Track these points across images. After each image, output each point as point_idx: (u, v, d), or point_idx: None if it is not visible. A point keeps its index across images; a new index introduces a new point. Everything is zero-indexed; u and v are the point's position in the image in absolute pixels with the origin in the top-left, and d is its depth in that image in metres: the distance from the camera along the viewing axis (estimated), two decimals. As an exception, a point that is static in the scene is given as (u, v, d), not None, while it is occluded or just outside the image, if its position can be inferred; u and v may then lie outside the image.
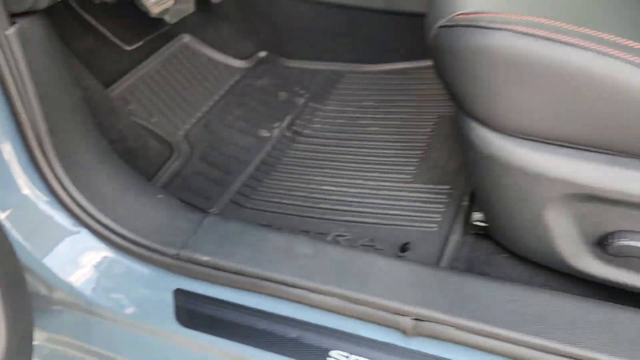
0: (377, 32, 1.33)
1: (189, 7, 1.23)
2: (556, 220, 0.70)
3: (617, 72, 0.59)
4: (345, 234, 0.90)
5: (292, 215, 0.97)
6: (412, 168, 1.01)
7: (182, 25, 1.35)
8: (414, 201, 0.94)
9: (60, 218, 0.78)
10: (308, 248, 0.74)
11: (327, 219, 0.94)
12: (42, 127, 0.74)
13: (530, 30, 0.62)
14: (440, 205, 0.92)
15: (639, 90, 0.58)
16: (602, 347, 0.59)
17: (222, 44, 1.42)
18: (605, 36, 0.61)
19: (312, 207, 0.97)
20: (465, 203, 0.90)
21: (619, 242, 0.67)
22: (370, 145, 1.10)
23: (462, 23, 0.67)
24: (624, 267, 0.71)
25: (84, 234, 0.78)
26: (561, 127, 0.64)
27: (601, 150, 0.64)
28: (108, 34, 1.27)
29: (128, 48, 1.29)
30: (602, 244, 0.69)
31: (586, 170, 0.65)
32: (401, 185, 0.98)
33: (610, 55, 0.59)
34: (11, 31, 0.69)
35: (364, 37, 1.35)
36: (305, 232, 0.92)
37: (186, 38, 1.39)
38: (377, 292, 0.66)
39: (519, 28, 0.62)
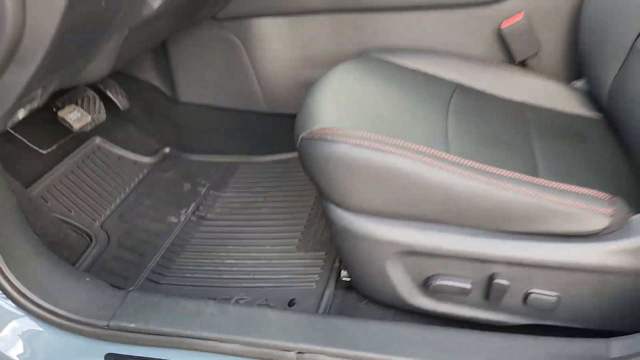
0: (264, 129, 1.62)
1: (102, 116, 1.45)
2: (394, 271, 0.97)
3: (417, 169, 0.89)
4: (245, 297, 1.13)
5: (201, 286, 1.17)
6: (296, 240, 1.27)
7: (93, 129, 1.56)
8: (298, 266, 1.19)
9: (6, 305, 0.94)
10: (214, 309, 0.95)
11: (230, 287, 1.16)
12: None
13: (359, 142, 0.91)
14: (318, 268, 1.18)
15: (430, 180, 0.89)
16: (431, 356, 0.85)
17: (130, 143, 1.63)
18: (409, 145, 0.92)
19: (217, 278, 1.19)
20: (337, 264, 1.17)
21: (436, 283, 0.95)
22: (263, 223, 1.35)
23: (317, 136, 0.95)
24: (444, 301, 0.99)
25: (26, 317, 0.95)
26: (389, 207, 0.93)
27: (416, 219, 0.94)
28: (25, 140, 1.45)
29: (44, 152, 1.47)
30: (426, 285, 0.97)
31: (407, 234, 0.94)
32: (288, 254, 1.23)
33: (413, 158, 0.90)
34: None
35: (253, 134, 1.63)
36: (212, 299, 1.13)
37: (97, 139, 1.59)
38: (269, 336, 0.89)
39: (352, 141, 0.91)
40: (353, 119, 0.99)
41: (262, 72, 1.52)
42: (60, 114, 1.21)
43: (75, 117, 1.24)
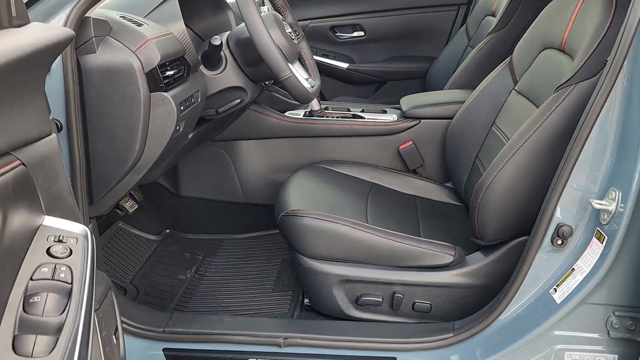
0: (242, 215, 2.28)
1: (134, 205, 2.08)
2: (337, 293, 1.64)
3: (351, 232, 1.59)
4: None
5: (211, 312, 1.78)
6: (271, 285, 1.91)
7: (117, 216, 2.17)
8: (275, 301, 1.82)
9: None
10: (230, 318, 1.57)
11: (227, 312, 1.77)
12: None
13: (316, 216, 1.60)
14: (288, 300, 1.82)
15: (358, 239, 1.58)
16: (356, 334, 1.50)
17: (142, 226, 2.24)
18: (346, 218, 1.62)
19: (218, 311, 1.80)
20: (300, 297, 1.82)
21: (362, 299, 1.62)
22: (247, 277, 1.98)
23: (291, 214, 1.64)
24: (367, 311, 1.66)
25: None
26: (335, 254, 1.61)
27: (351, 261, 1.62)
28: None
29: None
30: (357, 301, 1.64)
31: (345, 270, 1.61)
32: (266, 294, 1.86)
33: (348, 226, 1.60)
34: None
35: (235, 218, 2.29)
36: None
37: (120, 223, 2.19)
38: (266, 331, 1.51)
39: (312, 216, 1.61)
40: (312, 204, 1.70)
41: (242, 175, 2.22)
42: (121, 202, 1.83)
43: (129, 204, 1.86)
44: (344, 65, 3.18)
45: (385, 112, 2.30)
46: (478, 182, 1.58)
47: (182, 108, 1.45)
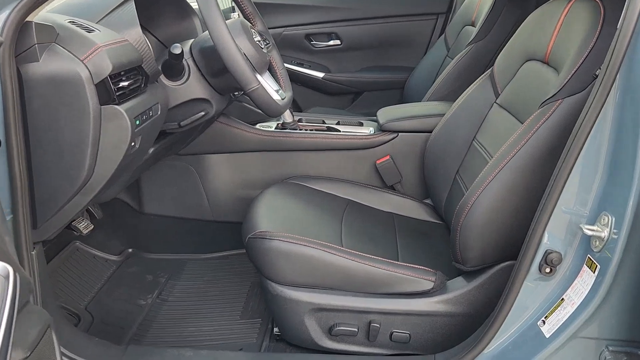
0: (209, 233, 2.15)
1: (90, 225, 1.93)
2: (309, 323, 1.51)
3: (323, 256, 1.47)
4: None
5: (172, 347, 1.63)
6: (239, 312, 1.78)
7: (73, 235, 2.01)
8: (242, 329, 1.69)
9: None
10: (192, 352, 1.43)
11: (194, 347, 1.63)
12: None
13: (286, 239, 1.48)
14: (257, 329, 1.69)
15: (331, 263, 1.46)
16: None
17: (101, 245, 2.09)
18: (317, 241, 1.50)
19: (182, 341, 1.66)
20: (270, 325, 1.69)
21: (336, 329, 1.50)
22: (213, 302, 1.84)
23: (258, 236, 1.52)
24: (341, 342, 1.53)
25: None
26: (305, 280, 1.49)
27: (323, 288, 1.50)
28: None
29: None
30: (330, 331, 1.51)
31: (317, 298, 1.49)
32: (234, 322, 1.73)
33: (320, 249, 1.47)
34: None
35: (202, 236, 2.15)
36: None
37: (77, 243, 2.04)
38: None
39: (282, 239, 1.48)
40: (282, 225, 1.57)
41: (210, 190, 2.08)
42: (74, 223, 1.68)
43: (83, 225, 1.71)
44: (320, 74, 3.07)
45: (361, 124, 2.19)
46: (460, 202, 1.47)
47: (137, 122, 1.32)
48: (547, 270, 1.22)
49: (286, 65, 2.98)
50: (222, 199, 2.10)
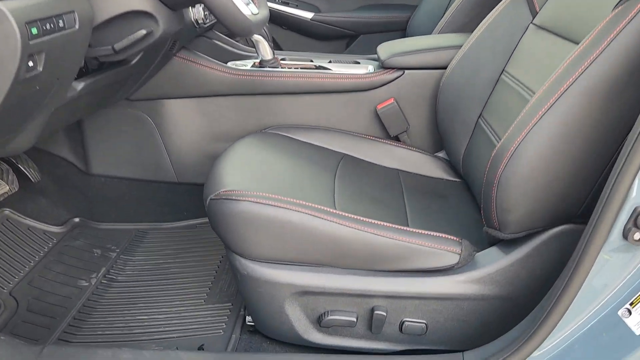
0: (173, 198, 1.75)
1: (15, 188, 1.52)
2: (291, 310, 1.13)
3: (308, 222, 1.08)
4: (156, 348, 1.22)
5: (113, 341, 1.25)
6: (204, 294, 1.40)
7: (2, 201, 1.61)
8: (206, 317, 1.31)
9: None
10: (130, 355, 1.05)
11: (142, 340, 1.25)
12: None
13: (259, 200, 1.09)
14: (225, 317, 1.30)
15: (319, 231, 1.07)
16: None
17: (40, 214, 1.69)
18: (301, 202, 1.11)
19: (129, 333, 1.27)
20: (242, 312, 1.30)
21: (327, 318, 1.12)
22: (172, 282, 1.46)
23: (223, 197, 1.12)
24: (334, 335, 1.16)
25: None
26: (285, 254, 1.10)
27: (309, 264, 1.11)
28: None
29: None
30: (319, 321, 1.13)
31: (301, 277, 1.10)
32: (197, 307, 1.35)
33: (304, 213, 1.08)
34: None
35: (163, 202, 1.75)
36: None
37: (6, 211, 1.64)
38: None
39: (253, 199, 1.09)
40: (254, 182, 1.18)
41: (172, 146, 1.68)
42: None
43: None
44: (308, 15, 2.63)
45: (358, 63, 1.78)
46: (495, 151, 1.08)
47: (35, 31, 0.91)
48: (637, 236, 0.83)
49: (269, 4, 2.55)
50: (186, 155, 1.70)
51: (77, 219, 1.75)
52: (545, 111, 0.99)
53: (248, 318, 1.24)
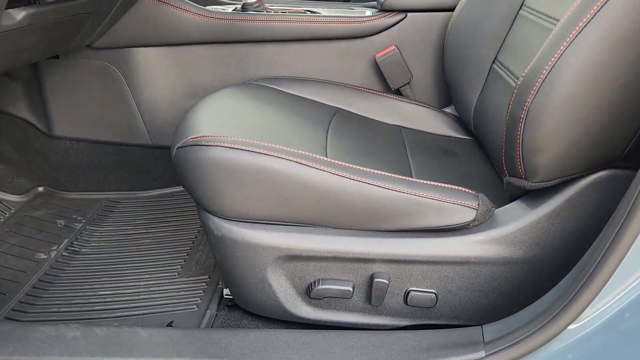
0: (148, 163, 1.56)
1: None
2: (275, 279, 0.95)
3: (292, 170, 0.89)
4: (117, 326, 1.03)
5: (69, 320, 1.07)
6: (178, 267, 1.21)
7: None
8: (179, 291, 1.12)
9: None
10: (78, 332, 0.86)
11: (103, 318, 1.07)
12: None
13: (234, 145, 0.90)
14: (201, 291, 1.12)
15: (306, 181, 0.89)
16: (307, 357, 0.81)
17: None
18: (285, 148, 0.92)
19: (88, 310, 1.09)
20: (220, 285, 1.12)
21: (318, 288, 0.94)
22: (143, 254, 1.27)
23: (190, 144, 0.93)
24: (327, 308, 0.97)
25: None
26: (266, 211, 0.92)
27: (295, 223, 0.93)
28: None
29: None
30: (308, 292, 0.95)
31: (287, 238, 0.92)
32: (169, 280, 1.16)
33: (288, 160, 0.90)
34: None
35: (136, 168, 1.56)
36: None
37: (-41, 178, 1.45)
38: (136, 354, 0.82)
39: (226, 144, 0.90)
40: (231, 131, 0.98)
41: (144, 103, 1.49)
42: None
43: None
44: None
45: (352, 10, 1.58)
46: (521, 78, 0.89)
47: None
48: None
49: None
50: (160, 114, 1.50)
51: (40, 188, 1.56)
52: (584, 25, 0.80)
53: (226, 291, 1.05)
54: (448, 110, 1.45)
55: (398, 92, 1.48)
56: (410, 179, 0.93)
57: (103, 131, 1.53)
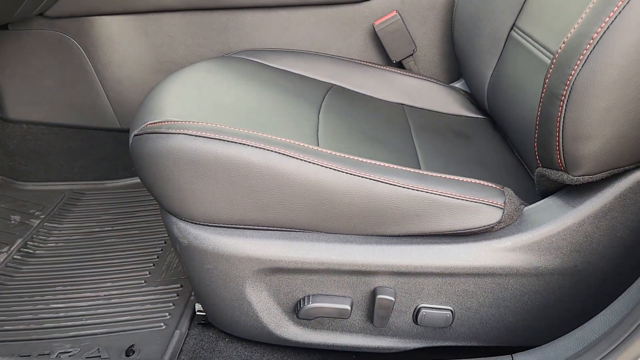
0: (116, 149, 1.37)
1: None
2: (255, 296, 0.77)
3: (274, 163, 0.71)
4: (70, 349, 0.86)
5: (12, 341, 0.89)
6: (146, 273, 1.03)
7: None
8: (145, 304, 0.95)
9: None
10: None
11: (53, 337, 0.90)
12: None
13: (201, 133, 0.72)
14: (170, 304, 0.94)
15: (292, 176, 0.71)
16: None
17: (-56, 172, 1.32)
18: (264, 136, 0.74)
19: (36, 328, 0.92)
20: (193, 298, 0.95)
21: (309, 306, 0.77)
22: (106, 256, 1.09)
23: (149, 131, 0.75)
24: (320, 329, 0.80)
25: None
26: (242, 213, 0.74)
27: (278, 228, 0.75)
28: None
29: None
30: (297, 310, 0.78)
31: (268, 247, 0.75)
32: (133, 290, 0.99)
33: (268, 150, 0.72)
34: None
35: (103, 155, 1.38)
36: (26, 357, 0.86)
37: None
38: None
39: (192, 132, 0.72)
40: (200, 114, 0.80)
41: (110, 81, 1.29)
42: None
43: None
44: None
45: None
46: (556, 53, 0.70)
47: None
48: None
49: None
50: (129, 93, 1.31)
51: (-4, 178, 1.37)
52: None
53: (198, 306, 0.88)
54: (457, 85, 1.27)
55: (400, 65, 1.29)
56: (421, 171, 0.75)
57: (64, 113, 1.34)
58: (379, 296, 0.75)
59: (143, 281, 1.01)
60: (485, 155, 1.00)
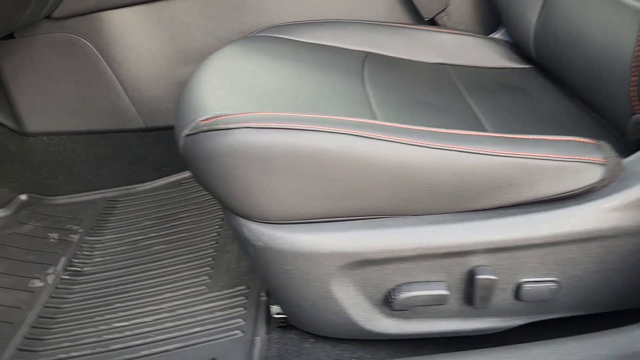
0: (144, 150, 1.30)
1: None
2: (342, 292, 0.72)
3: (349, 147, 0.64)
4: (145, 371, 0.82)
5: (81, 369, 0.85)
6: (205, 278, 0.98)
7: None
8: (213, 312, 0.89)
9: None
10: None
11: (124, 359, 0.84)
12: None
13: (263, 124, 0.65)
14: (241, 309, 0.89)
15: (369, 158, 0.64)
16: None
17: (-31, 196, 1.26)
18: (333, 118, 0.67)
19: (103, 351, 0.87)
20: (264, 298, 0.89)
21: (402, 296, 0.71)
22: (158, 265, 1.04)
23: (203, 129, 0.68)
24: (414, 318, 0.75)
25: None
26: (320, 206, 0.68)
27: (360, 217, 0.69)
28: None
29: None
30: (388, 302, 0.72)
31: (353, 239, 0.68)
32: (197, 299, 0.93)
33: (341, 133, 0.65)
34: None
35: (132, 158, 1.31)
36: (101, 383, 0.81)
37: None
38: None
39: (253, 124, 0.65)
40: (250, 103, 0.73)
41: (128, 79, 1.22)
42: None
43: None
44: None
45: None
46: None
47: None
48: None
49: None
50: (150, 90, 1.24)
51: (23, 197, 1.31)
52: None
53: (274, 309, 0.83)
54: (497, 36, 1.19)
55: (433, 22, 1.21)
56: (506, 135, 0.68)
57: (85, 119, 1.27)
58: (478, 276, 0.69)
59: (205, 287, 0.95)
60: (548, 108, 0.93)
